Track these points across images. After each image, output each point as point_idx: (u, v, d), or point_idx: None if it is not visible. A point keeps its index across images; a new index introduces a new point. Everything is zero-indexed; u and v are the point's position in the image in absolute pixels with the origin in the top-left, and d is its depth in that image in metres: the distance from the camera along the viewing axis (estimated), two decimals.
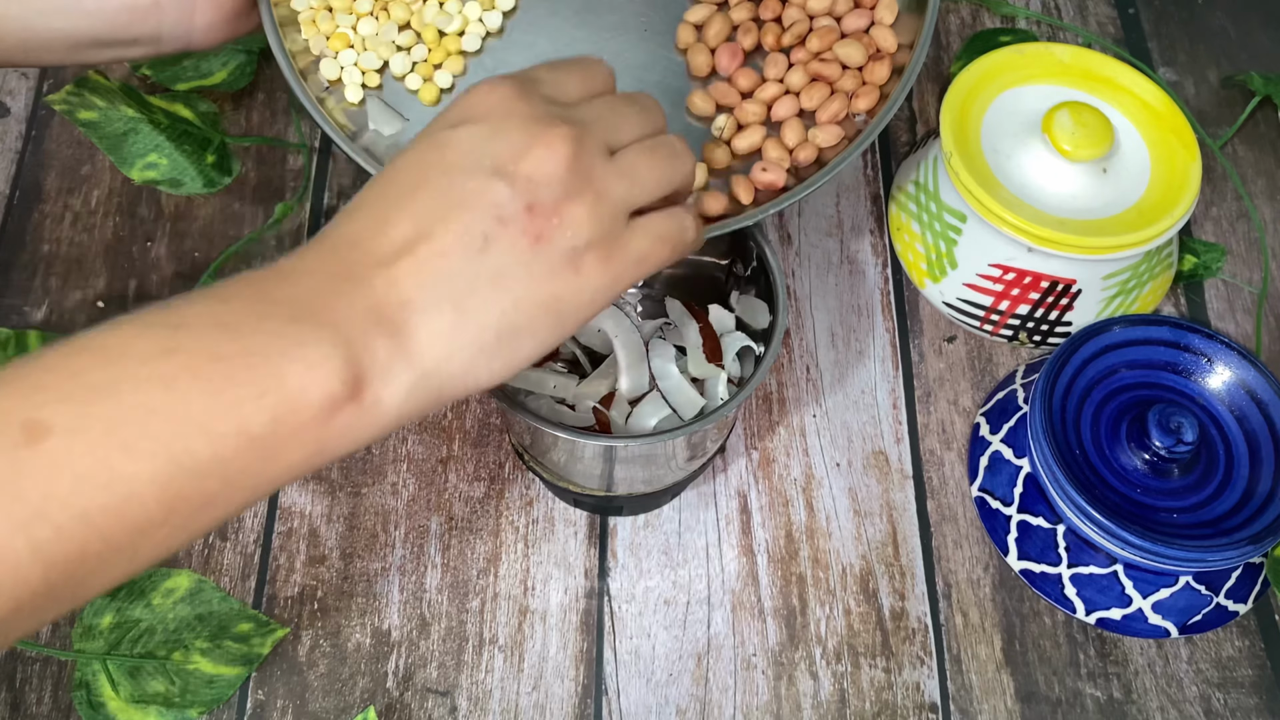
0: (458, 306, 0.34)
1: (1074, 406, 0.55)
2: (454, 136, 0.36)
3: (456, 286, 0.34)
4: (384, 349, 0.33)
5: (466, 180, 0.35)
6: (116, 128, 0.64)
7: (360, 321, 0.33)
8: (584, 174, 0.36)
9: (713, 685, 0.53)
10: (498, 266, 0.35)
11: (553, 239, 0.35)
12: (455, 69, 0.48)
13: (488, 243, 0.34)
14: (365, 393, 0.33)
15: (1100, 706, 0.53)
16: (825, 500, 0.58)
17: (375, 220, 0.35)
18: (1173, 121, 0.60)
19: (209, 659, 0.52)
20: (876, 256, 0.65)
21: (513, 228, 0.35)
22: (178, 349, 0.31)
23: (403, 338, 0.34)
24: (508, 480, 0.58)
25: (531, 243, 0.35)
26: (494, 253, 0.35)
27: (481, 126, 0.36)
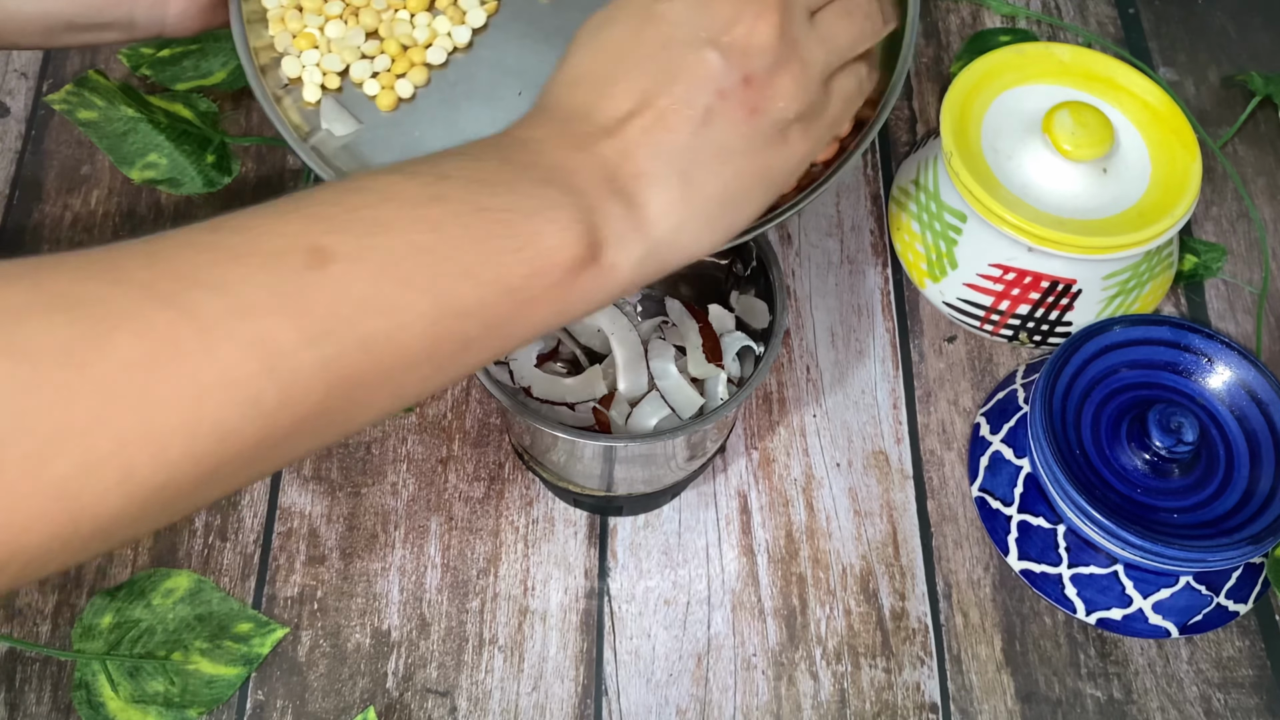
0: (684, 178, 0.36)
1: (1074, 406, 0.55)
2: (668, 9, 0.37)
3: (683, 158, 0.36)
4: (620, 218, 0.35)
5: (685, 53, 0.36)
6: (116, 127, 0.64)
7: (599, 190, 0.35)
8: (791, 43, 0.37)
9: (713, 685, 0.53)
10: (719, 138, 0.36)
11: (766, 110, 0.37)
12: (418, 80, 0.48)
13: (709, 115, 0.36)
14: (604, 257, 0.35)
15: (1100, 707, 0.53)
16: (825, 500, 0.58)
17: (599, 93, 0.36)
18: (1173, 121, 0.60)
19: (209, 659, 0.52)
20: (876, 256, 0.65)
21: (731, 100, 0.36)
22: (444, 197, 0.33)
23: (636, 207, 0.36)
24: (508, 480, 0.58)
25: (748, 115, 0.36)
26: (715, 125, 0.36)
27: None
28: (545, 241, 0.34)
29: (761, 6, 0.37)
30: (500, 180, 0.34)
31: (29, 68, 0.70)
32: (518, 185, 0.34)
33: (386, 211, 0.32)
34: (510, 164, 0.35)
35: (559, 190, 0.34)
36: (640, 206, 0.36)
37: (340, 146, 0.47)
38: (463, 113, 0.47)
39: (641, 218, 0.36)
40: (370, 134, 0.47)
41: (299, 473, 0.58)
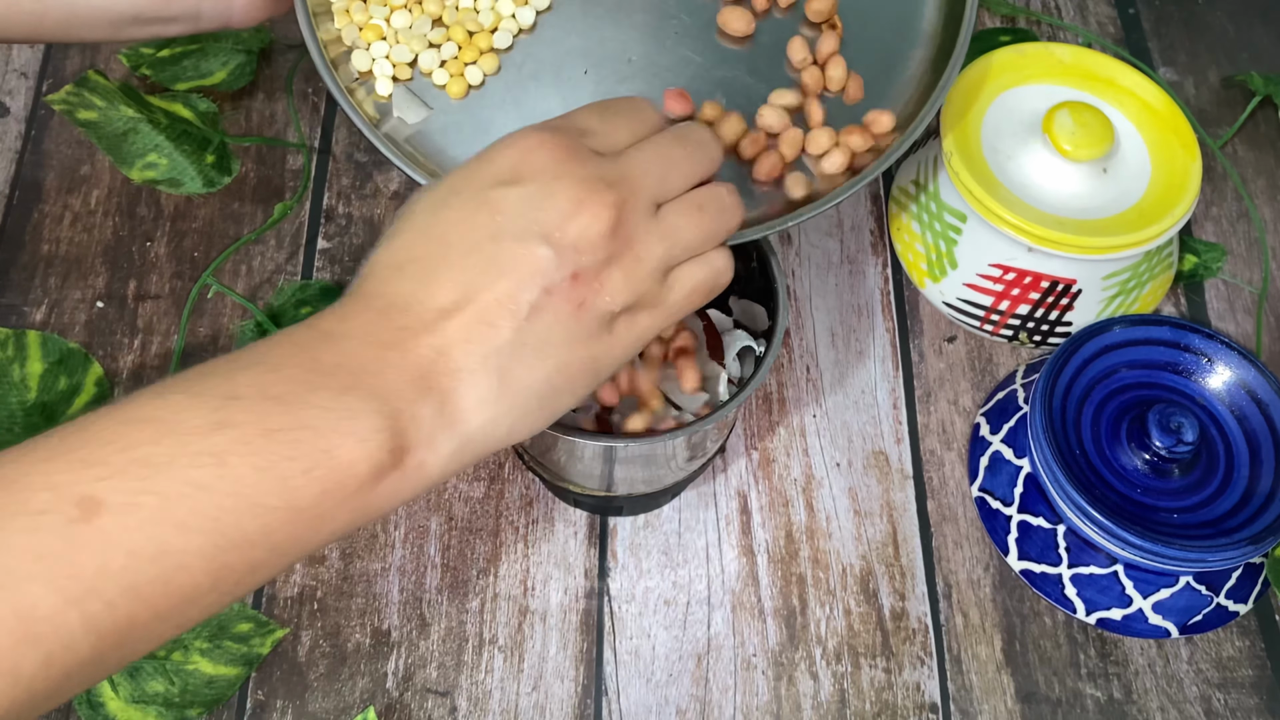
0: (502, 374, 0.35)
1: (1074, 406, 0.55)
2: (503, 199, 0.36)
3: (502, 354, 0.35)
4: (429, 417, 0.34)
5: (515, 247, 0.35)
6: (116, 127, 0.64)
7: (407, 391, 0.34)
8: (626, 238, 0.36)
9: (713, 685, 0.53)
10: (541, 334, 0.36)
11: (593, 305, 0.36)
12: (489, 68, 0.48)
13: (534, 311, 0.35)
14: (409, 459, 0.34)
15: (1100, 707, 0.53)
16: (825, 500, 0.58)
17: (423, 283, 0.35)
18: (1173, 121, 0.60)
19: (208, 659, 0.52)
20: (876, 256, 0.65)
21: (557, 296, 0.35)
22: (229, 423, 0.32)
23: (448, 405, 0.35)
24: (508, 480, 0.58)
25: (574, 310, 0.36)
26: (539, 321, 0.35)
27: (530, 188, 0.36)
28: (341, 456, 0.33)
29: (598, 203, 0.36)
30: (293, 393, 0.33)
31: (29, 67, 0.70)
32: (314, 397, 0.33)
33: (164, 449, 0.31)
34: (311, 370, 0.34)
35: (360, 397, 0.33)
36: (453, 403, 0.35)
37: (413, 133, 0.47)
38: (530, 94, 0.48)
39: (453, 415, 0.35)
40: (441, 119, 0.47)
41: None
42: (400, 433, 0.34)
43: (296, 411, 0.32)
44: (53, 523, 0.29)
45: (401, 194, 0.66)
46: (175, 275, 0.63)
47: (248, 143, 0.67)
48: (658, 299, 0.38)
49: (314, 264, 0.64)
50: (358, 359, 0.34)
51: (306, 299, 0.62)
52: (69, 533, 0.29)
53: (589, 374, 0.37)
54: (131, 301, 0.62)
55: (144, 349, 0.61)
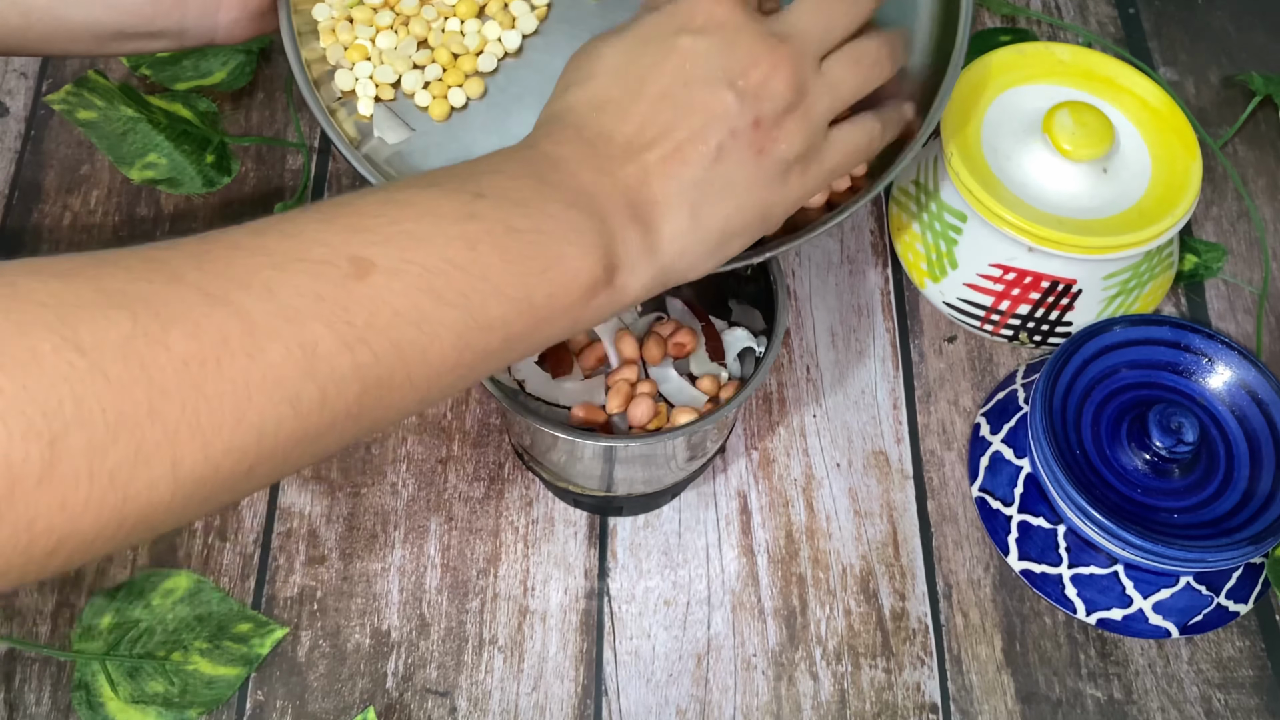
0: (694, 208, 0.38)
1: (1074, 407, 0.55)
2: (692, 47, 0.39)
3: (694, 190, 0.38)
4: (635, 242, 0.38)
5: (704, 91, 0.38)
6: (116, 127, 0.64)
7: (619, 214, 0.37)
8: (800, 89, 0.39)
9: (713, 686, 0.53)
10: (727, 174, 0.39)
11: (771, 151, 0.39)
12: (473, 92, 0.48)
13: (721, 152, 0.38)
14: (617, 279, 0.37)
15: (1101, 707, 0.53)
16: (825, 500, 0.58)
17: (623, 120, 0.39)
18: (1173, 121, 0.60)
19: (208, 659, 0.52)
20: (876, 256, 0.65)
21: (741, 139, 0.39)
22: (479, 215, 0.35)
23: (650, 233, 0.38)
24: (508, 480, 0.58)
25: (755, 155, 0.39)
26: (725, 162, 0.39)
27: (715, 39, 0.39)
28: (569, 264, 0.36)
29: (777, 55, 0.39)
30: (531, 201, 0.36)
31: (28, 68, 0.70)
32: (547, 207, 0.36)
33: (424, 226, 0.34)
34: (541, 183, 0.37)
35: (584, 214, 0.36)
36: (654, 231, 0.38)
37: (393, 154, 0.47)
38: (514, 118, 0.48)
39: (653, 243, 0.38)
40: (422, 140, 0.47)
41: (299, 473, 0.58)
42: (613, 252, 0.37)
43: (535, 217, 0.36)
44: (330, 273, 0.32)
45: None
46: None
47: (247, 143, 0.67)
48: (822, 154, 0.41)
49: None
50: (577, 179, 0.37)
51: None
52: (345, 284, 0.32)
53: (761, 218, 0.40)
54: None
55: None
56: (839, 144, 0.42)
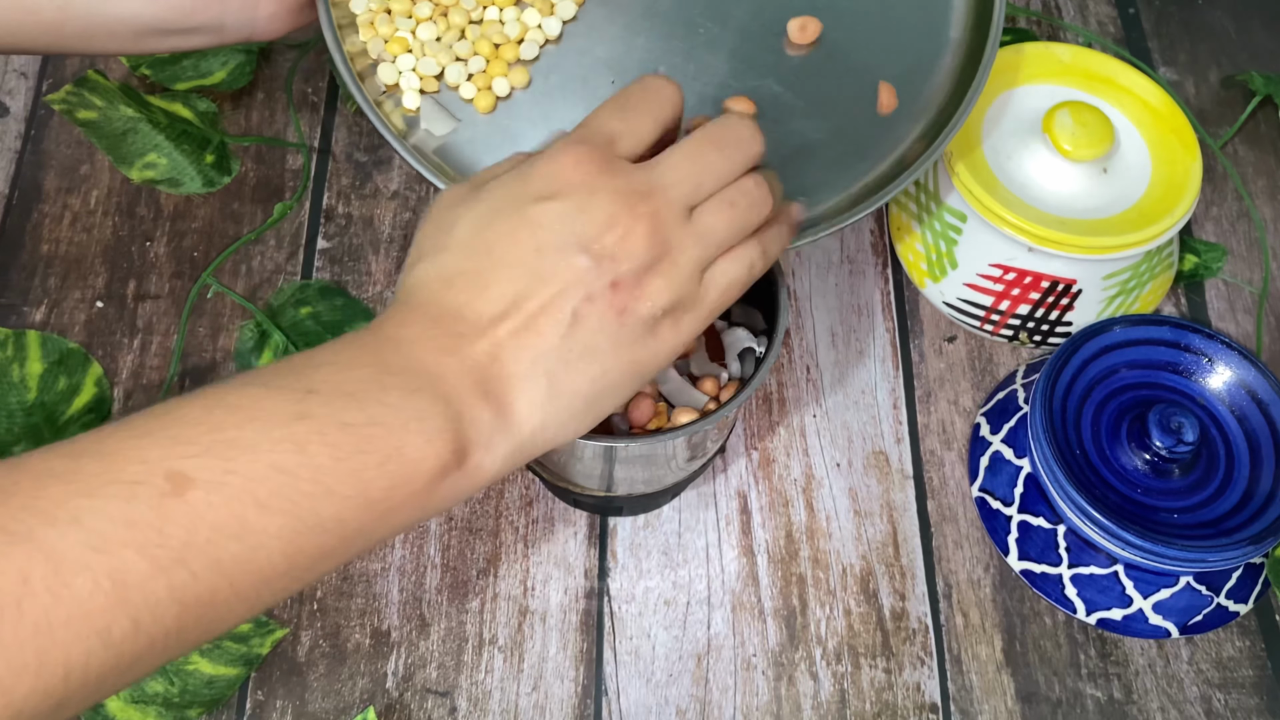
0: (551, 378, 0.37)
1: (1074, 406, 0.55)
2: (543, 214, 0.38)
3: (549, 359, 0.37)
4: (488, 421, 0.36)
5: (556, 258, 0.37)
6: (116, 127, 0.64)
7: (467, 395, 0.36)
8: (663, 244, 0.38)
9: (713, 686, 0.53)
10: (586, 340, 0.37)
11: (634, 310, 0.38)
12: (517, 81, 0.47)
13: (577, 319, 0.37)
14: (470, 460, 0.36)
15: (1101, 707, 0.53)
16: (825, 500, 0.58)
17: (473, 294, 0.37)
18: (1173, 121, 0.60)
19: (208, 659, 0.52)
20: (876, 256, 0.65)
21: (599, 304, 0.37)
22: (308, 414, 0.34)
23: (504, 409, 0.37)
24: (508, 480, 0.58)
25: (616, 316, 0.38)
26: (582, 328, 0.37)
27: (568, 203, 0.37)
28: (410, 453, 0.34)
29: (633, 215, 0.37)
30: (367, 392, 0.35)
31: (29, 67, 0.70)
32: (385, 396, 0.35)
33: (249, 433, 0.33)
34: (382, 371, 0.36)
35: (428, 399, 0.35)
36: (508, 407, 0.37)
37: (440, 145, 0.47)
38: (558, 105, 0.48)
39: (508, 419, 0.37)
40: (469, 131, 0.47)
41: None
42: (462, 434, 0.36)
43: (370, 409, 0.34)
44: (145, 493, 0.31)
45: (401, 194, 0.66)
46: (175, 275, 0.63)
47: (247, 143, 0.67)
48: (696, 298, 0.40)
49: (314, 264, 0.64)
50: (421, 363, 0.36)
51: (306, 299, 0.62)
52: (159, 504, 0.31)
53: (633, 376, 0.39)
54: (131, 301, 0.62)
55: (144, 349, 0.61)
56: (715, 285, 0.40)
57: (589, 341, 0.37)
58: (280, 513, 0.32)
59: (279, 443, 0.33)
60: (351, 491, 0.34)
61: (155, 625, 0.31)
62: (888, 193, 0.46)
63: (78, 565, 0.29)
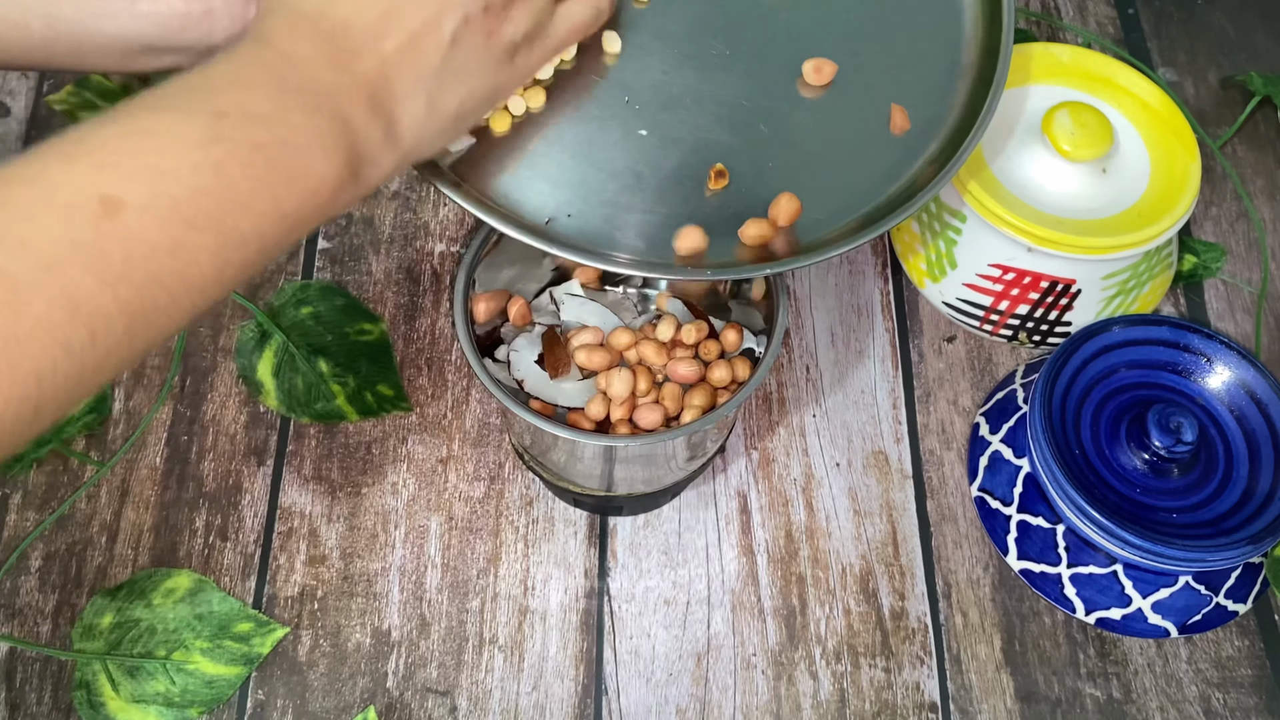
0: (430, 96, 0.41)
1: (1074, 406, 0.55)
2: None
3: (431, 79, 0.40)
4: (377, 137, 0.39)
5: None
6: None
7: (362, 113, 0.39)
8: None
9: (713, 685, 0.53)
10: (461, 61, 0.41)
11: (500, 35, 0.42)
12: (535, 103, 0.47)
13: (455, 40, 0.41)
14: (361, 173, 0.39)
15: (1100, 706, 0.53)
16: (825, 500, 0.58)
17: (357, 9, 0.40)
18: (1172, 121, 0.60)
19: (209, 659, 0.52)
20: (876, 256, 0.65)
21: (474, 26, 0.41)
22: (222, 138, 0.36)
23: (391, 124, 0.40)
24: (508, 480, 0.58)
25: (485, 39, 0.41)
26: (459, 49, 0.41)
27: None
28: (315, 170, 0.37)
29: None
30: (273, 114, 0.37)
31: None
32: (290, 118, 0.37)
33: (169, 158, 0.35)
34: (282, 91, 0.38)
35: (327, 119, 0.38)
36: (394, 124, 0.40)
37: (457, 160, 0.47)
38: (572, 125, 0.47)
39: (394, 133, 0.40)
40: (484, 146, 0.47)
41: (299, 473, 0.58)
42: (357, 150, 0.38)
43: (276, 129, 0.37)
44: (82, 217, 0.33)
45: (401, 194, 0.66)
46: None
47: None
48: (547, 32, 0.44)
49: (314, 264, 0.64)
50: (317, 80, 0.38)
51: (307, 298, 0.62)
52: (98, 226, 0.33)
53: (490, 99, 0.43)
54: None
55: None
56: (563, 21, 0.44)
57: (463, 62, 0.41)
58: (206, 230, 0.35)
59: (199, 166, 0.35)
60: (267, 208, 0.36)
61: (108, 335, 0.33)
62: (899, 215, 0.45)
63: (32, 284, 0.32)
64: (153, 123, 0.36)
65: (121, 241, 0.33)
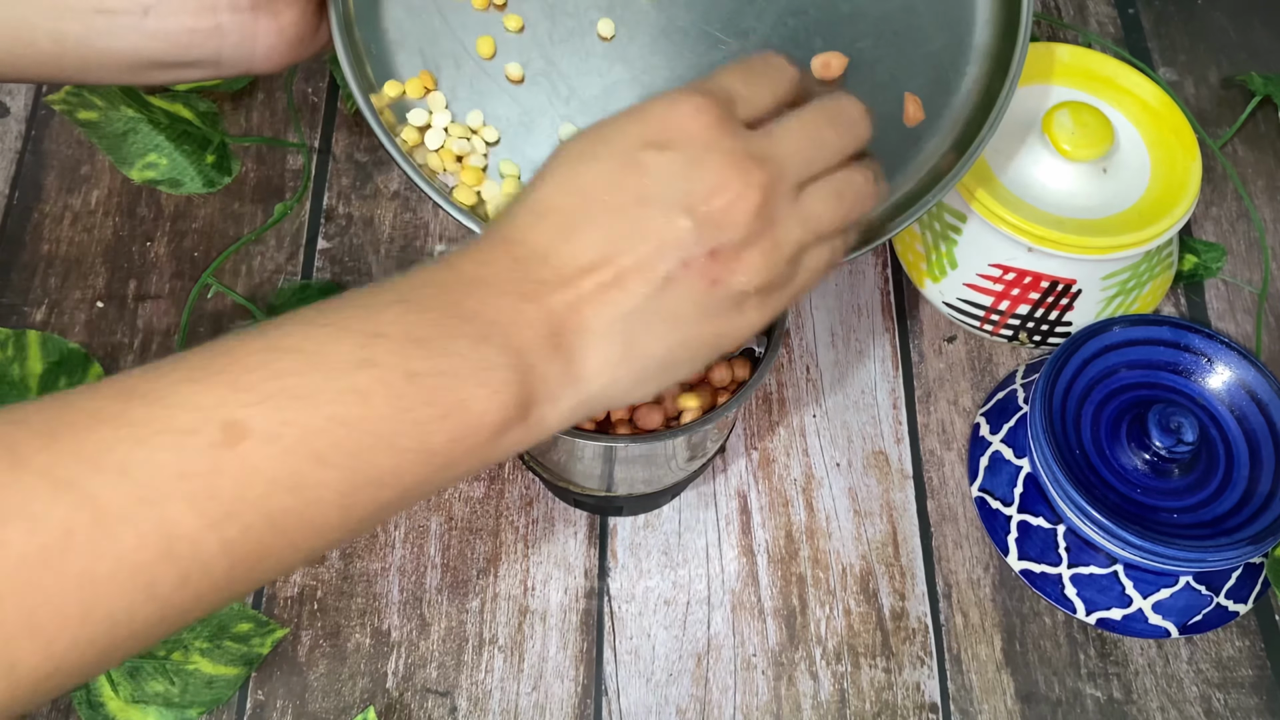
0: (629, 338, 0.35)
1: (1074, 406, 0.55)
2: (652, 162, 0.35)
3: (631, 320, 0.35)
4: (556, 374, 0.35)
5: (658, 214, 0.35)
6: (116, 127, 0.64)
7: (538, 347, 0.34)
8: (768, 219, 0.36)
9: (713, 685, 0.53)
10: (673, 305, 0.35)
11: (727, 283, 0.36)
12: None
13: (668, 282, 0.35)
14: (533, 414, 0.35)
15: (1100, 707, 0.53)
16: (825, 500, 0.58)
17: (563, 235, 0.35)
18: (1173, 121, 0.60)
19: (209, 659, 0.52)
20: (876, 256, 0.65)
21: (693, 269, 0.35)
22: (374, 361, 0.32)
23: (574, 363, 0.35)
24: (508, 480, 0.58)
25: (707, 286, 0.35)
26: (672, 292, 0.35)
27: (680, 156, 0.35)
28: (474, 406, 0.33)
29: (746, 182, 0.35)
30: (434, 338, 0.33)
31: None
32: (453, 344, 0.33)
33: (310, 381, 0.31)
34: (453, 316, 0.34)
35: (496, 349, 0.34)
36: (579, 362, 0.35)
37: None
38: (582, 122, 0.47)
39: (578, 373, 0.35)
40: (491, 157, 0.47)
41: None
42: (529, 388, 0.34)
43: (437, 358, 0.33)
44: (197, 444, 0.30)
45: (401, 194, 0.66)
46: (175, 275, 0.63)
47: (248, 143, 0.67)
48: (788, 280, 0.38)
49: (314, 264, 0.64)
50: (495, 307, 0.34)
51: (307, 299, 0.62)
52: (213, 456, 0.30)
53: (711, 348, 0.37)
54: (131, 301, 0.62)
55: (144, 349, 0.61)
56: (805, 269, 0.38)
57: (675, 307, 0.35)
58: (338, 466, 0.31)
59: (342, 393, 0.31)
60: (412, 444, 0.32)
61: (204, 578, 0.30)
62: (922, 206, 0.45)
63: (123, 517, 0.28)
64: (301, 339, 0.32)
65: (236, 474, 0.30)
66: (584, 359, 0.35)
